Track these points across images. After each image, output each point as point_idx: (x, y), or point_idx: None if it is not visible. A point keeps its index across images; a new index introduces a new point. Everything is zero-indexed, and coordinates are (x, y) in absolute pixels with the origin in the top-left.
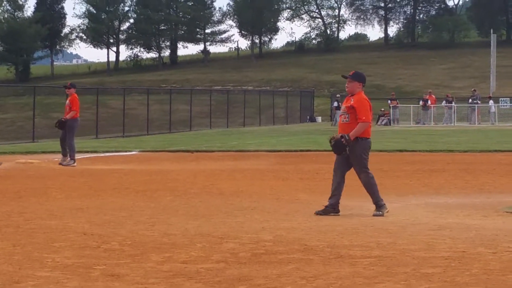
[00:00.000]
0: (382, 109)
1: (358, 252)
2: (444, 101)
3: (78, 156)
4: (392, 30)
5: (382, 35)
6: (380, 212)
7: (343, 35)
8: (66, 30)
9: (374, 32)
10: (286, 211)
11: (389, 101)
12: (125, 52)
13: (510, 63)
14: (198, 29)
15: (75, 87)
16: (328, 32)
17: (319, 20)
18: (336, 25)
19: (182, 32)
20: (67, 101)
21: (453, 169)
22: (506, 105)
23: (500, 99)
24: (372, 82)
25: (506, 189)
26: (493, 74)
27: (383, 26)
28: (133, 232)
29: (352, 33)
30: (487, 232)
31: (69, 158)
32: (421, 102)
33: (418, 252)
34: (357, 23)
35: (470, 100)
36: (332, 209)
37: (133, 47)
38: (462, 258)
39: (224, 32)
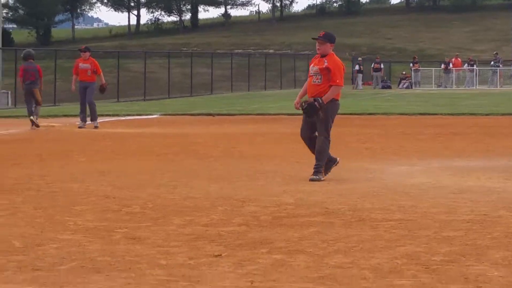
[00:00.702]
0: (404, 72)
1: (379, 215)
2: (466, 64)
3: (100, 119)
4: None
5: None
6: (317, 177)
7: None
8: None
9: None
10: (307, 175)
11: (411, 64)
12: (146, 16)
13: None
14: None
15: (91, 51)
16: None
17: None
18: None
19: None
20: (86, 65)
21: (474, 132)
22: None
23: None
24: (394, 45)
25: None
26: None
27: None
28: (154, 195)
29: None
30: (508, 195)
31: (92, 121)
32: (442, 66)
33: (439, 215)
34: None
35: (492, 63)
36: (330, 163)
37: (154, 10)
38: (484, 222)
39: None
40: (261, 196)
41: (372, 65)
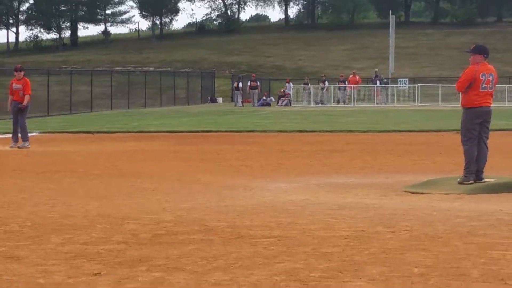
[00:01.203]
0: (282, 90)
1: (259, 232)
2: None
3: None
4: (293, 11)
5: (282, 16)
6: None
7: (244, 16)
8: None
9: (274, 13)
10: (187, 192)
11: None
12: (25, 33)
13: (408, 44)
14: (98, 10)
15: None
16: (229, 13)
17: (220, 1)
18: (236, 6)
19: (83, 12)
20: (18, 85)
21: (352, 149)
22: (404, 86)
23: (399, 79)
24: (273, 63)
25: (404, 169)
26: (392, 55)
27: (283, 8)
28: (33, 214)
29: (253, 14)
30: (385, 211)
31: (23, 141)
32: (321, 84)
33: (318, 232)
34: (257, 4)
35: (378, 83)
36: None
37: (33, 27)
38: (361, 237)
39: (125, 13)
40: (140, 214)
41: (249, 83)
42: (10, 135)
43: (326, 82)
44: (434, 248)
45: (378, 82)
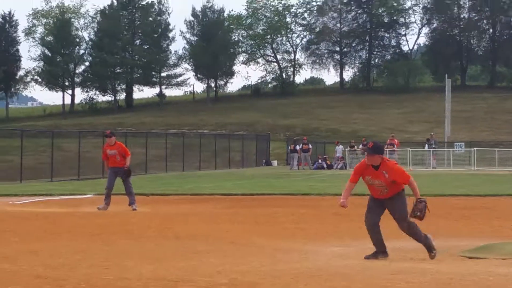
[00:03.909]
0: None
1: None
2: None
3: (32, 199)
4: (348, 74)
5: (337, 79)
6: (434, 252)
7: (299, 79)
8: (21, 72)
9: (329, 76)
10: (241, 255)
11: (360, 146)
12: (80, 95)
13: (464, 108)
14: (153, 72)
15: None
16: (284, 76)
17: (275, 64)
18: (291, 69)
19: (138, 75)
20: (112, 151)
21: None
22: (461, 150)
23: (455, 143)
24: (327, 126)
25: (460, 233)
26: (448, 119)
27: (339, 71)
28: (87, 275)
29: (308, 77)
30: (442, 276)
31: (131, 204)
32: (360, 146)
33: None
34: (312, 67)
35: (426, 146)
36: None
37: (88, 90)
38: None
39: (180, 75)
40: (194, 276)
41: (300, 146)
42: (65, 197)
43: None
44: None
45: (426, 146)
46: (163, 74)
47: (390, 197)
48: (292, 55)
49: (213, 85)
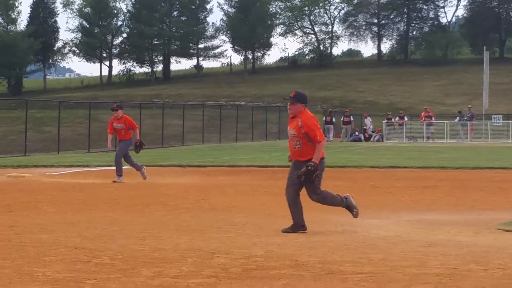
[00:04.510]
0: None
1: (349, 268)
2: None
3: (69, 170)
4: (385, 46)
5: (375, 51)
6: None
7: (336, 51)
8: (59, 44)
9: (367, 48)
10: (277, 227)
11: (397, 118)
12: (118, 66)
13: (503, 80)
14: (191, 44)
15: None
16: (321, 48)
17: (312, 36)
18: (329, 41)
19: (175, 46)
20: (119, 124)
21: (445, 185)
22: (498, 122)
23: (493, 116)
24: (365, 98)
25: (497, 206)
26: (486, 91)
27: (376, 43)
28: (124, 247)
29: (345, 49)
30: (478, 249)
31: (118, 176)
32: (397, 119)
33: (409, 269)
34: (350, 39)
35: (458, 118)
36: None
37: (126, 61)
38: (453, 275)
39: (217, 47)
40: (230, 248)
41: (342, 119)
42: (102, 168)
43: (405, 118)
44: None
45: (457, 118)
46: (201, 45)
47: (305, 161)
48: (330, 27)
49: (250, 57)
